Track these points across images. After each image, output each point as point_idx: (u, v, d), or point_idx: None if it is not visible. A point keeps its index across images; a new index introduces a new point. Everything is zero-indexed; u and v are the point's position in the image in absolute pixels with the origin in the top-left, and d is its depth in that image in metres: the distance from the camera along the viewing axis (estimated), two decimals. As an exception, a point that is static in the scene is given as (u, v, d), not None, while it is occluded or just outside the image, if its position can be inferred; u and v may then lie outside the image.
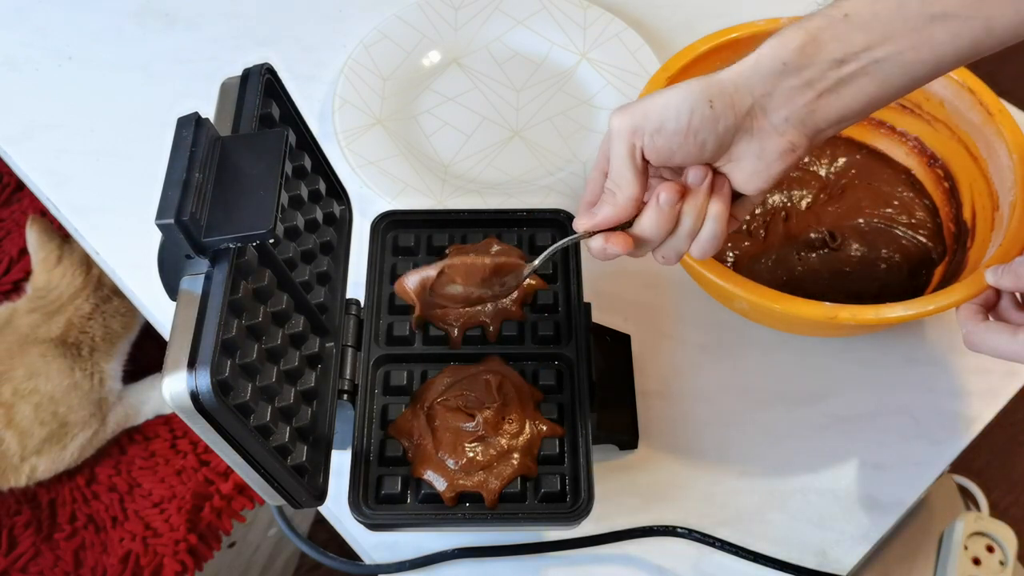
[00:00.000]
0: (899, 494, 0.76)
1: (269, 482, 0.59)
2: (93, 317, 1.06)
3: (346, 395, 0.69)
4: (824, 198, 0.85)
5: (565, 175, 0.90)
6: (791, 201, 0.85)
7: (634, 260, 0.65)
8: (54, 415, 1.02)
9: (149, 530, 1.01)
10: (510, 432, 0.68)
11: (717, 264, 0.70)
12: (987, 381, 0.80)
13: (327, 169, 0.73)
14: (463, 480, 0.67)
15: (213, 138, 0.57)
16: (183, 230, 0.53)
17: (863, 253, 0.82)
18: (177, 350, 0.53)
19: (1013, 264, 0.63)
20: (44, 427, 1.01)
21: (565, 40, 0.99)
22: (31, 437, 1.01)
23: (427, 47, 0.99)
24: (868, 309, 0.69)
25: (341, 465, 0.68)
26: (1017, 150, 0.74)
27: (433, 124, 0.96)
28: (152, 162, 0.65)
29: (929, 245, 0.82)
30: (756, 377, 0.80)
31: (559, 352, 0.73)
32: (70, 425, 1.02)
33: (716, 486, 0.76)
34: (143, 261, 0.68)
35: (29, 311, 1.05)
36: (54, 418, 1.02)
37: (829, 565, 0.73)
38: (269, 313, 0.63)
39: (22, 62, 1.02)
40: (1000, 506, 1.60)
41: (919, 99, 0.82)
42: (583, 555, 0.73)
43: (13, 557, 1.02)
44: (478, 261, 0.67)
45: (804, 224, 0.84)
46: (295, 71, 0.99)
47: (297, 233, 0.69)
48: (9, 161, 0.97)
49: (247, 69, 0.63)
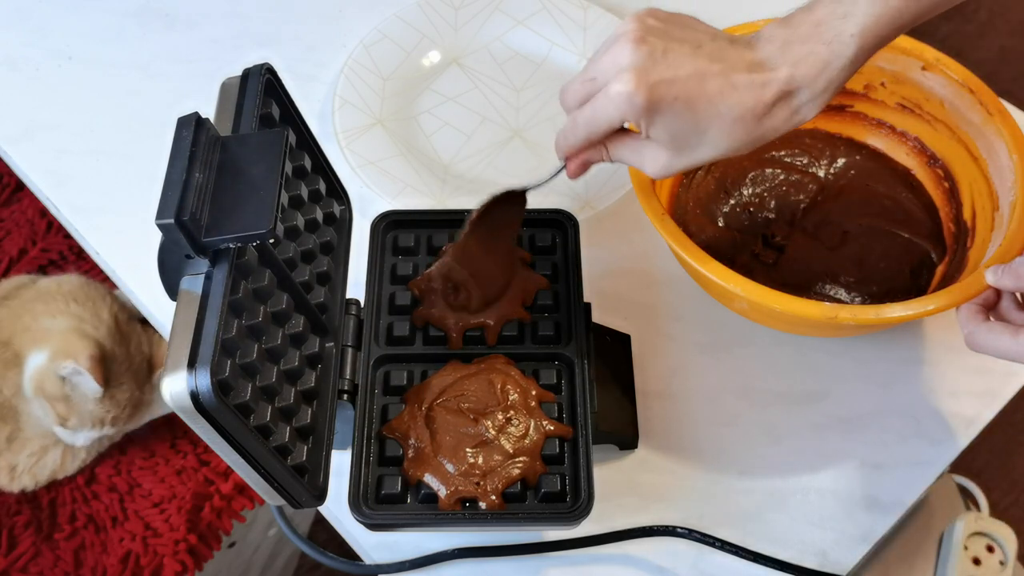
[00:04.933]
0: (899, 494, 0.76)
1: (269, 482, 0.59)
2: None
3: (346, 395, 0.69)
4: (823, 199, 0.85)
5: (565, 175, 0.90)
6: (791, 202, 0.85)
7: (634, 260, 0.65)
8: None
9: (149, 530, 1.01)
10: (515, 435, 0.68)
11: (717, 264, 0.70)
12: (987, 381, 0.80)
13: (327, 169, 0.73)
14: (464, 486, 0.66)
15: (213, 138, 0.57)
16: (183, 230, 0.53)
17: (863, 253, 0.82)
18: (177, 350, 0.53)
19: (1013, 264, 0.63)
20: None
21: (565, 40, 0.99)
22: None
23: (427, 47, 0.99)
24: (868, 309, 0.69)
25: (341, 465, 0.68)
26: (1017, 150, 0.74)
27: (433, 124, 0.96)
28: (152, 162, 0.65)
29: (929, 245, 0.82)
30: (756, 377, 0.81)
31: (559, 352, 0.73)
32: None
33: (716, 486, 0.76)
34: (143, 261, 0.68)
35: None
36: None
37: (829, 565, 0.73)
38: (269, 313, 0.63)
39: (22, 62, 1.02)
40: (1000, 506, 1.60)
41: (919, 99, 0.82)
42: (583, 555, 0.73)
43: (13, 557, 1.02)
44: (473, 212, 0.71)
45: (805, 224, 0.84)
46: (295, 71, 0.99)
47: (297, 233, 0.69)
48: (9, 161, 0.97)
49: (247, 69, 0.63)
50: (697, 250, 0.70)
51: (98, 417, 0.99)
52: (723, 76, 0.59)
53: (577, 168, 0.67)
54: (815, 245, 0.83)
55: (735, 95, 0.59)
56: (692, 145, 0.61)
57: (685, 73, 0.59)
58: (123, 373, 1.02)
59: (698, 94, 0.59)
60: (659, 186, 0.79)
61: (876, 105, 0.85)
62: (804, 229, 0.84)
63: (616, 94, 0.59)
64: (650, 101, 0.58)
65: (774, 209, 0.85)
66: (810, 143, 0.88)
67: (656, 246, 0.86)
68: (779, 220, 0.84)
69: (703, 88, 0.59)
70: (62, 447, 1.03)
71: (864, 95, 0.85)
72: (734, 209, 0.85)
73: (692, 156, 0.62)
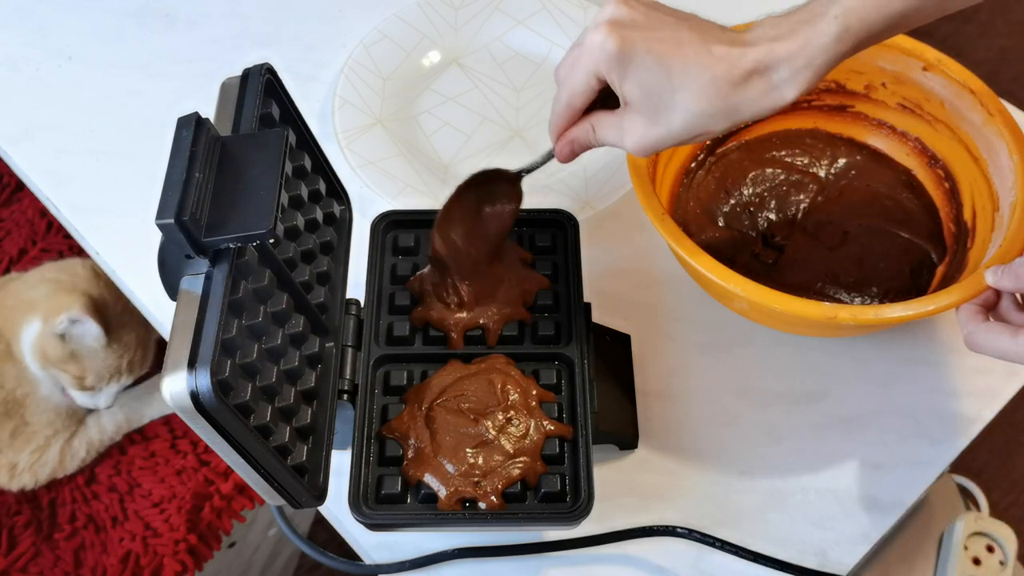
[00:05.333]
0: (899, 494, 0.76)
1: (269, 482, 0.59)
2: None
3: (346, 395, 0.69)
4: (823, 199, 0.85)
5: (565, 175, 0.90)
6: (791, 202, 0.85)
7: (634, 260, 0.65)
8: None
9: (149, 530, 1.01)
10: (515, 435, 0.68)
11: (717, 264, 0.70)
12: (987, 381, 0.80)
13: (327, 169, 0.73)
14: (464, 487, 0.66)
15: (213, 138, 0.57)
16: (183, 230, 0.53)
17: (863, 254, 0.82)
18: (177, 350, 0.53)
19: (1013, 265, 0.63)
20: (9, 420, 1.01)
21: (565, 40, 0.99)
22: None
23: (427, 47, 0.99)
24: (868, 309, 0.69)
25: (341, 465, 0.68)
26: (1018, 151, 0.74)
27: (433, 124, 0.96)
28: (152, 162, 0.65)
29: (929, 246, 0.82)
30: (756, 377, 0.81)
31: (559, 352, 0.73)
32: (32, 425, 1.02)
33: (716, 486, 0.76)
34: (143, 261, 0.68)
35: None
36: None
37: (829, 565, 0.73)
38: (269, 313, 0.63)
39: (22, 62, 1.02)
40: (1000, 506, 1.60)
41: (919, 99, 0.82)
42: (583, 555, 0.73)
43: (13, 557, 1.03)
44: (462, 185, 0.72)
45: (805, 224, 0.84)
46: (295, 71, 0.99)
47: (297, 233, 0.69)
48: (9, 161, 0.97)
49: (247, 69, 0.63)
50: (697, 250, 0.70)
51: (113, 366, 0.98)
52: (701, 43, 0.60)
53: (565, 149, 0.67)
54: (815, 245, 0.83)
55: (710, 59, 0.59)
56: (664, 107, 0.61)
57: (663, 34, 0.60)
58: (120, 314, 1.00)
59: (672, 53, 0.59)
60: (659, 186, 0.79)
61: (877, 105, 0.85)
62: (804, 229, 0.84)
63: (590, 43, 0.61)
64: (622, 50, 0.59)
65: (774, 209, 0.85)
66: (811, 143, 0.88)
67: (656, 246, 0.86)
68: (779, 220, 0.84)
69: (679, 50, 0.59)
70: (62, 442, 1.03)
71: (865, 95, 0.85)
72: (734, 209, 0.85)
73: (666, 124, 0.62)
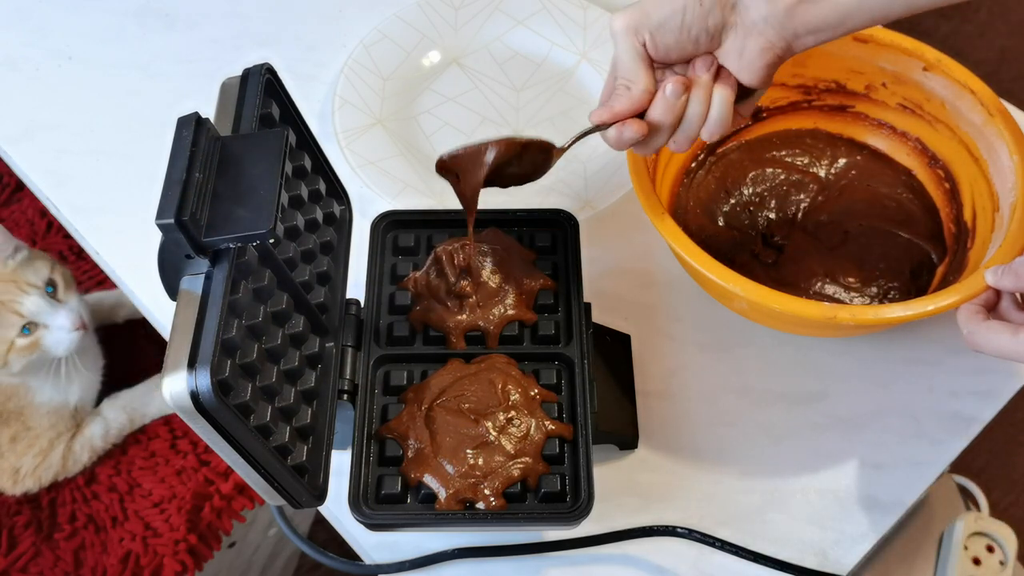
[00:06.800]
0: (899, 494, 0.76)
1: (269, 482, 0.59)
2: None
3: (346, 395, 0.69)
4: (824, 199, 0.85)
5: (565, 175, 0.90)
6: (791, 202, 0.85)
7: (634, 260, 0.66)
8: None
9: (149, 530, 1.01)
10: (516, 436, 0.68)
11: (717, 264, 0.70)
12: (987, 381, 0.80)
13: (327, 169, 0.73)
14: (463, 488, 0.66)
15: (213, 138, 0.57)
16: (183, 230, 0.53)
17: (863, 254, 0.82)
18: (177, 350, 0.53)
19: (1013, 265, 0.63)
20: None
21: (565, 40, 0.99)
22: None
23: (427, 47, 0.99)
24: (868, 309, 0.69)
25: (341, 465, 0.68)
26: (1018, 151, 0.74)
27: (433, 124, 0.96)
28: (152, 162, 0.65)
29: (929, 246, 0.82)
30: (756, 377, 0.81)
31: (559, 352, 0.73)
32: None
33: (716, 486, 0.76)
34: (143, 261, 0.68)
35: None
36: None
37: (829, 565, 0.73)
38: (269, 313, 0.63)
39: (22, 62, 1.02)
40: (1000, 506, 1.60)
41: (920, 100, 0.82)
42: (583, 555, 0.73)
43: (13, 557, 1.03)
44: (514, 139, 0.69)
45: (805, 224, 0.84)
46: (295, 71, 0.99)
47: (297, 233, 0.69)
48: (9, 161, 0.97)
49: (247, 69, 0.63)
50: (697, 250, 0.70)
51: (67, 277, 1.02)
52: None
53: (616, 135, 0.67)
54: (815, 245, 0.83)
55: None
56: None
57: None
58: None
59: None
60: (659, 186, 0.79)
61: (877, 106, 0.85)
62: (804, 229, 0.84)
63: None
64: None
65: (774, 209, 0.85)
66: (811, 143, 0.88)
67: (656, 246, 0.86)
68: (779, 220, 0.84)
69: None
70: (64, 444, 1.03)
71: (865, 95, 0.85)
72: (734, 209, 0.85)
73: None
